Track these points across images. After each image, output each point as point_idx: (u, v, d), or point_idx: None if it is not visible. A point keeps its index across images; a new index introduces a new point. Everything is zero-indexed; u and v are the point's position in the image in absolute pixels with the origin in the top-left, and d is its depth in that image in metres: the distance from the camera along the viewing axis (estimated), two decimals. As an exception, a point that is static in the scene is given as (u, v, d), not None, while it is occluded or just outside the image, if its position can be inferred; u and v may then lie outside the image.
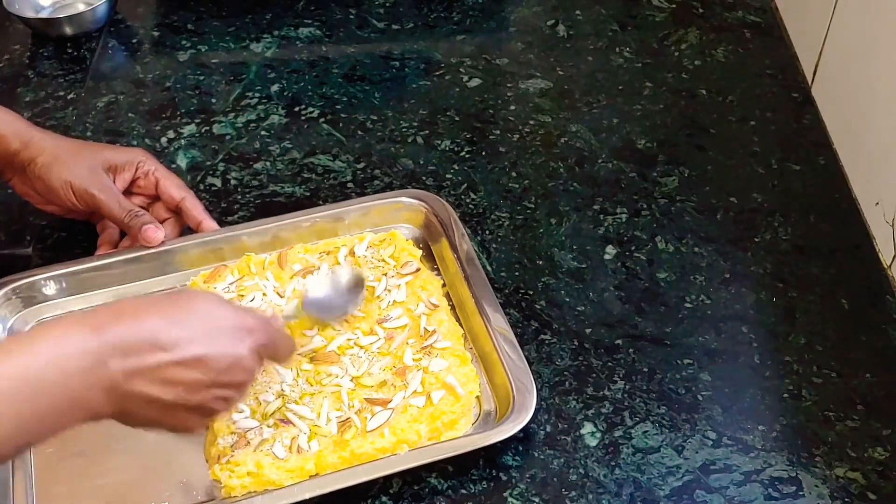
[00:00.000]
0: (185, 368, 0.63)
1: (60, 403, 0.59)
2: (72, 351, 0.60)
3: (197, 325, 0.65)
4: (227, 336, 0.66)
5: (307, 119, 1.08)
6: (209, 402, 0.66)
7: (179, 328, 0.64)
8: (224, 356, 0.65)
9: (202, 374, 0.64)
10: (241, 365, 0.67)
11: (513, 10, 1.23)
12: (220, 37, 1.19)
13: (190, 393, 0.64)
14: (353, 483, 0.74)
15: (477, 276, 0.87)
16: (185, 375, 0.64)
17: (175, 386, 0.63)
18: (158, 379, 0.63)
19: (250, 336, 0.68)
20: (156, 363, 0.62)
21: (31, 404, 0.58)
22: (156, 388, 0.63)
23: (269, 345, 0.70)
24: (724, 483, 0.76)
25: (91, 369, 0.60)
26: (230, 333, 0.66)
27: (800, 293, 0.90)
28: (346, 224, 0.93)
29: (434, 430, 0.77)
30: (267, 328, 0.70)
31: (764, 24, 1.20)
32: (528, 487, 0.76)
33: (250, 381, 0.70)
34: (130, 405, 0.63)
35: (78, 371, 0.59)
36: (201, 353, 0.64)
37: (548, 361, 0.84)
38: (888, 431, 0.79)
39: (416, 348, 0.82)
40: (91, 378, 0.60)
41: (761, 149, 1.04)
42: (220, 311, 0.68)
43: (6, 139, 0.88)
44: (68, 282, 0.87)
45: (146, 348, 0.62)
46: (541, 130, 1.07)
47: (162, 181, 0.91)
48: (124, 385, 0.61)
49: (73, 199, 0.88)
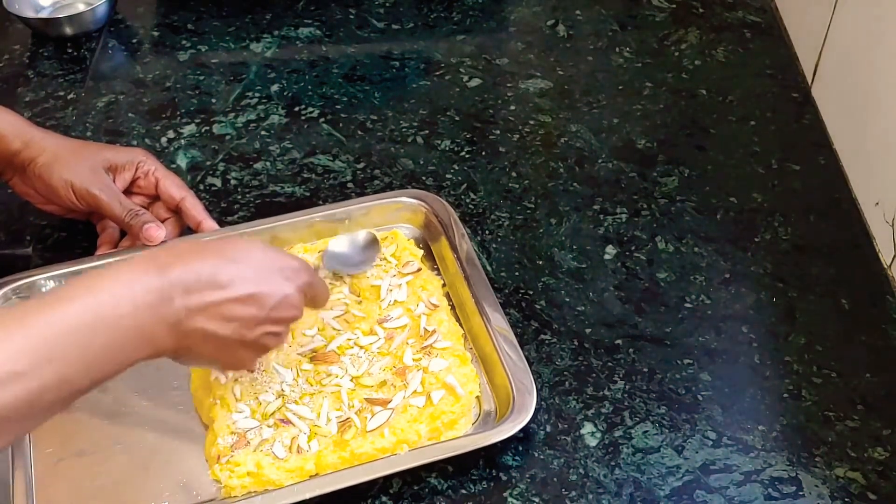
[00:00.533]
0: (241, 304, 0.67)
1: (130, 337, 0.63)
2: (141, 288, 0.63)
3: (249, 264, 0.69)
4: (276, 275, 0.70)
5: (307, 119, 1.08)
6: (261, 337, 0.70)
7: (234, 267, 0.68)
8: (274, 293, 0.69)
9: (256, 309, 0.68)
10: (289, 301, 0.71)
11: (513, 10, 1.23)
12: (220, 37, 1.19)
13: (245, 328, 0.68)
14: (353, 483, 0.74)
15: (477, 276, 0.87)
16: (241, 311, 0.68)
17: (231, 321, 0.67)
18: (217, 315, 0.66)
19: (296, 276, 0.72)
20: (215, 300, 0.66)
21: (105, 338, 0.61)
22: (214, 324, 0.66)
23: (311, 285, 0.74)
24: (724, 483, 0.76)
25: (158, 305, 0.63)
26: (279, 273, 0.71)
27: (800, 293, 0.90)
28: (346, 224, 0.93)
29: (434, 430, 0.77)
30: (309, 270, 0.74)
31: (764, 23, 1.20)
32: (528, 487, 0.76)
33: (298, 318, 0.73)
34: (191, 341, 0.66)
35: (147, 306, 0.63)
36: (255, 291, 0.68)
37: (548, 361, 0.84)
38: (888, 431, 0.79)
39: (416, 348, 0.82)
40: (158, 314, 0.64)
41: (761, 149, 1.04)
42: (269, 252, 0.72)
43: (7, 139, 0.88)
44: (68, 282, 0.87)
45: (206, 286, 0.66)
46: (541, 130, 1.07)
47: (162, 181, 0.92)
48: (186, 321, 0.65)
49: (74, 199, 0.88)
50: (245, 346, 0.70)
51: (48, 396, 0.59)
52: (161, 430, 0.79)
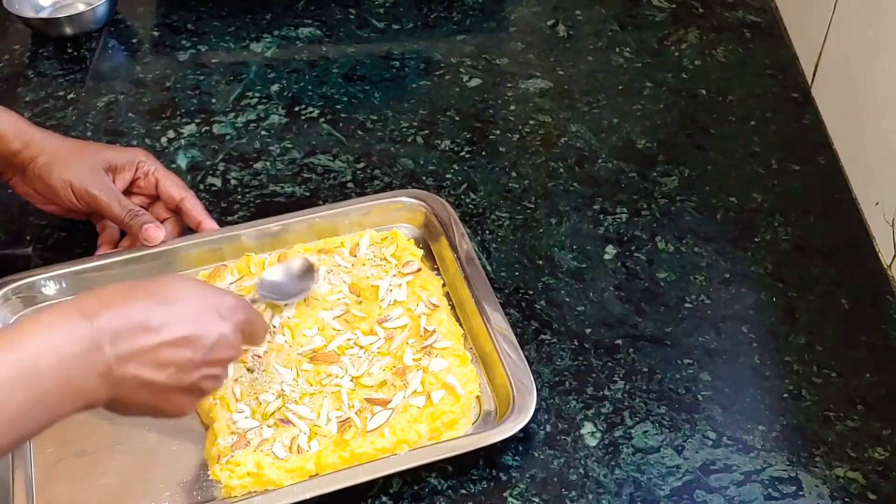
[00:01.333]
0: (176, 348, 0.64)
1: (56, 391, 0.59)
2: (65, 337, 0.60)
3: (182, 306, 0.66)
4: (211, 314, 0.67)
5: (307, 119, 1.08)
6: (199, 381, 0.67)
7: (167, 309, 0.65)
8: (210, 333, 0.67)
9: (192, 352, 0.65)
10: (226, 341, 0.68)
11: (513, 10, 1.23)
12: (220, 37, 1.19)
13: (181, 372, 0.65)
14: (353, 483, 0.74)
15: (477, 276, 0.87)
16: (176, 355, 0.65)
17: (167, 367, 0.64)
18: (150, 361, 0.63)
19: (232, 313, 0.69)
20: (147, 345, 0.63)
21: (26, 393, 0.58)
22: (148, 371, 0.63)
23: (248, 322, 0.71)
24: (724, 483, 0.76)
25: (85, 354, 0.60)
26: (214, 312, 0.68)
27: (800, 293, 0.90)
28: (347, 224, 0.93)
29: (434, 430, 0.77)
30: (246, 306, 0.72)
31: (764, 23, 1.20)
32: (528, 487, 0.76)
33: (235, 358, 0.71)
34: (124, 391, 0.63)
35: (72, 357, 0.59)
36: (189, 333, 0.65)
37: (548, 361, 0.84)
38: (888, 431, 0.79)
39: (416, 348, 0.82)
40: (86, 363, 0.60)
41: (761, 149, 1.04)
42: (202, 291, 0.69)
43: (6, 139, 0.88)
44: (68, 282, 0.87)
45: (137, 331, 0.63)
46: (541, 130, 1.07)
47: (162, 181, 0.92)
48: (118, 370, 0.62)
49: (74, 199, 0.88)
50: (182, 391, 0.67)
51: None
52: (161, 430, 0.79)
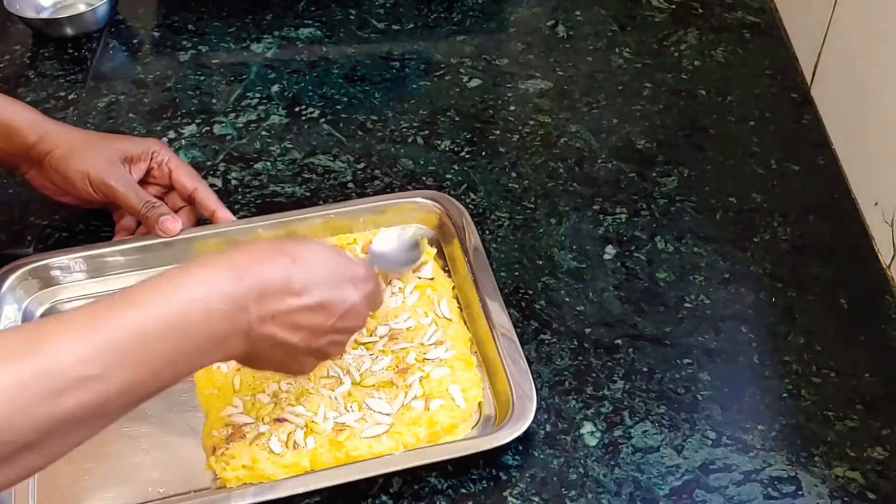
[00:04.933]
0: (312, 313, 0.67)
1: (202, 343, 0.61)
2: (216, 294, 0.62)
3: (321, 272, 0.68)
4: (345, 283, 0.69)
5: (307, 119, 1.08)
6: (326, 346, 0.70)
7: (307, 274, 0.66)
8: (343, 302, 0.69)
9: (325, 318, 0.68)
10: (355, 311, 0.70)
11: (513, 11, 1.24)
12: (220, 37, 1.19)
13: (312, 336, 0.68)
14: (353, 479, 0.74)
15: (486, 280, 0.86)
16: (311, 319, 0.67)
17: (301, 330, 0.67)
18: (288, 322, 0.66)
19: (364, 284, 0.71)
20: (288, 307, 0.65)
21: (176, 343, 0.60)
22: (285, 331, 0.66)
23: (374, 294, 0.73)
24: (724, 482, 0.76)
25: (231, 311, 0.62)
26: (349, 281, 0.70)
27: (799, 293, 0.90)
28: (361, 222, 0.93)
29: (433, 434, 0.77)
30: (374, 279, 0.74)
31: (763, 24, 1.20)
32: (527, 487, 0.76)
33: (361, 328, 0.73)
34: (260, 347, 0.65)
35: (220, 312, 0.62)
36: (325, 299, 0.67)
37: (548, 361, 0.84)
38: (887, 431, 0.79)
39: (419, 350, 0.82)
40: (231, 319, 0.62)
41: (760, 149, 1.04)
42: (339, 259, 0.71)
43: (23, 132, 0.88)
44: (86, 264, 0.88)
45: (280, 293, 0.65)
46: (541, 130, 1.07)
47: (175, 171, 0.92)
48: (258, 328, 0.64)
49: (91, 191, 0.89)
50: (310, 353, 0.69)
51: (116, 401, 0.58)
52: (160, 420, 0.79)
